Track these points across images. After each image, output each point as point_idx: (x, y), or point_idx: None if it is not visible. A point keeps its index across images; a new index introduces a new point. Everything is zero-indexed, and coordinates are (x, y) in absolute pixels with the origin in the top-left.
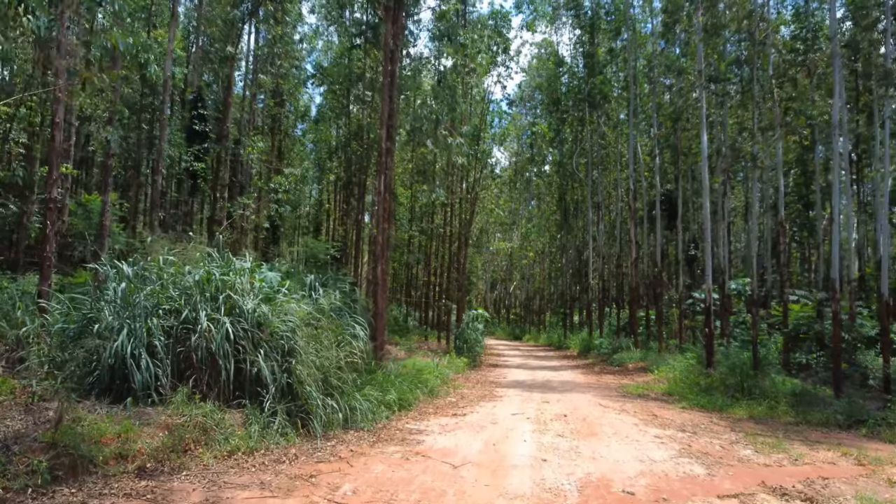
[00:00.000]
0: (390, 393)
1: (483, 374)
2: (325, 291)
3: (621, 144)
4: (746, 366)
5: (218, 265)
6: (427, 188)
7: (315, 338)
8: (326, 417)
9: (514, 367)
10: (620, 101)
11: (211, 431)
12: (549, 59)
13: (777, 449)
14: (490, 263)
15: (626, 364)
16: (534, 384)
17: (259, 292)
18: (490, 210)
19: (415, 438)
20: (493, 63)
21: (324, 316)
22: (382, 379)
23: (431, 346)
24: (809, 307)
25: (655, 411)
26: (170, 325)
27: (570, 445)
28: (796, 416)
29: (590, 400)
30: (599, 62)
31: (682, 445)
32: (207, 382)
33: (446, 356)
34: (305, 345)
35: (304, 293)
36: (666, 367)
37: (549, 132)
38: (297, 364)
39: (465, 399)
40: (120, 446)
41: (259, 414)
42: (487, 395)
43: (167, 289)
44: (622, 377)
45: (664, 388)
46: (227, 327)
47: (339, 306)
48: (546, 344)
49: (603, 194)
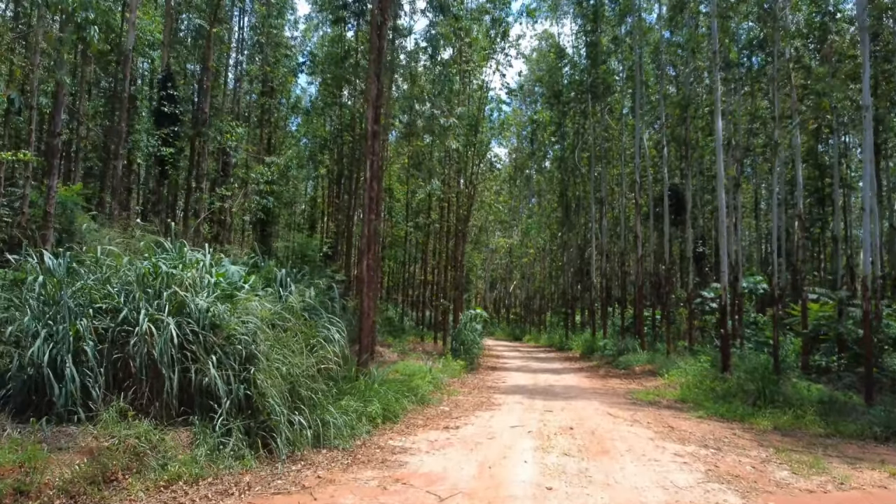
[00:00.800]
0: (373, 403)
1: (481, 378)
2: (299, 289)
3: (625, 136)
4: (767, 370)
5: (169, 257)
6: (423, 182)
7: (282, 342)
8: (293, 435)
9: (513, 371)
10: (625, 91)
11: (145, 456)
12: (549, 52)
13: (816, 469)
14: (490, 262)
15: (632, 367)
16: (535, 390)
17: (216, 289)
18: (489, 205)
19: (397, 460)
20: (492, 48)
21: (294, 316)
22: (365, 387)
23: (427, 347)
24: (829, 306)
25: (671, 422)
26: (105, 326)
27: (579, 467)
28: (826, 427)
29: (597, 408)
30: (603, 50)
31: (709, 466)
32: (148, 395)
33: (442, 359)
34: (269, 350)
35: (271, 290)
36: (676, 370)
37: (551, 125)
38: (257, 373)
39: (459, 408)
40: (21, 479)
41: (210, 433)
42: (485, 403)
43: (105, 284)
44: (629, 381)
45: (676, 394)
46: (171, 329)
47: (314, 305)
48: (547, 345)
49: (606, 190)
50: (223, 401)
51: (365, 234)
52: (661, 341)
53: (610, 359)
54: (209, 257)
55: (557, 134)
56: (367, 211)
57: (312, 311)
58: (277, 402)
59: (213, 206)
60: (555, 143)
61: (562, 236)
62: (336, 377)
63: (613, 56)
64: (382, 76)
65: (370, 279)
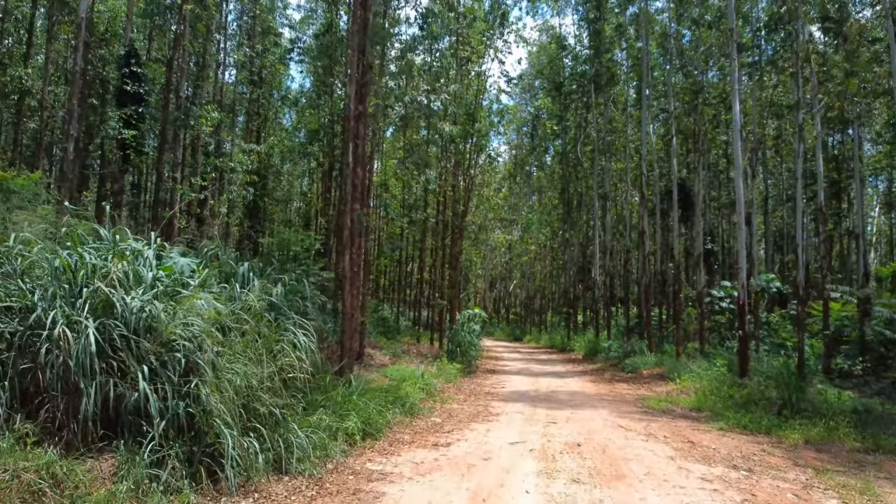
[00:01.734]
0: (350, 417)
1: (478, 383)
2: (264, 285)
3: (630, 128)
4: (792, 375)
5: (101, 246)
6: (418, 173)
7: (237, 348)
8: (246, 461)
9: (513, 374)
10: (629, 82)
11: (45, 496)
12: (550, 43)
13: (869, 497)
14: (489, 261)
15: (639, 370)
16: (537, 396)
17: (156, 284)
18: (487, 199)
19: (373, 490)
20: (490, 33)
21: (254, 317)
22: (343, 399)
23: (422, 349)
24: (851, 306)
25: (690, 435)
26: (12, 330)
27: (591, 498)
28: (863, 441)
29: (606, 419)
30: (607, 38)
31: (744, 495)
32: (62, 415)
33: (437, 362)
34: (219, 358)
35: (229, 287)
36: (689, 374)
37: (552, 117)
38: (202, 385)
39: (452, 418)
40: None
41: (139, 460)
42: (481, 413)
43: (19, 279)
44: (638, 386)
45: (691, 401)
46: (90, 333)
47: (281, 305)
48: (548, 346)
49: (609, 185)
50: (156, 421)
51: (347, 225)
52: (669, 342)
53: (615, 361)
54: (153, 248)
55: (559, 127)
56: (349, 200)
57: (280, 312)
58: (227, 422)
59: (186, 196)
60: (556, 138)
61: (563, 234)
62: (308, 388)
63: (617, 45)
64: (368, 51)
65: (353, 276)
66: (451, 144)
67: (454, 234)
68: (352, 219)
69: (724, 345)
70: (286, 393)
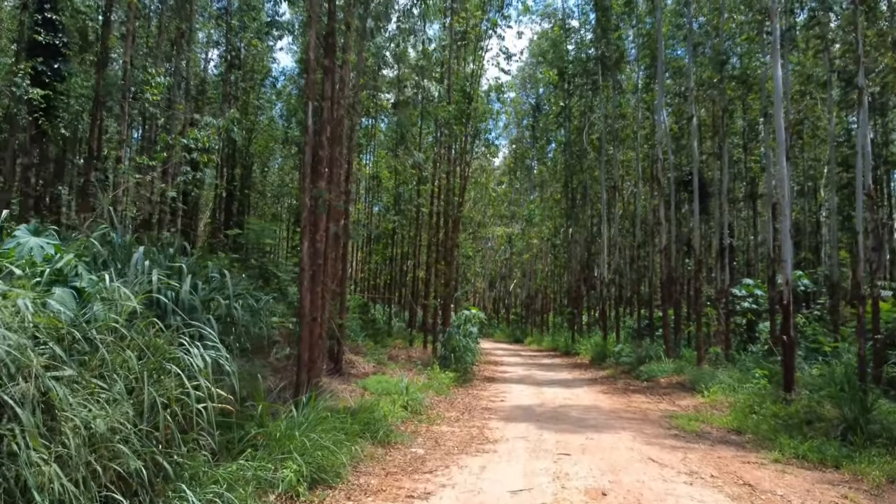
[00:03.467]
0: (291, 461)
1: (474, 395)
2: (164, 279)
3: (640, 113)
4: (857, 390)
5: None
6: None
7: (94, 374)
8: None
9: (514, 383)
10: (642, 60)
11: None
12: (554, 27)
13: None
14: (488, 259)
15: (656, 378)
16: (543, 413)
17: None
18: (485, 185)
19: None
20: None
21: (139, 325)
22: (285, 432)
23: (414, 353)
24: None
25: (742, 472)
26: None
27: None
28: None
29: (632, 448)
30: (615, 14)
31: None
32: None
33: (428, 369)
34: (63, 389)
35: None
36: (718, 385)
37: (558, 91)
38: (18, 436)
39: (439, 449)
40: None
41: None
42: (475, 439)
43: None
44: (658, 398)
45: (727, 420)
46: None
47: (195, 305)
48: (551, 348)
49: (618, 175)
50: None
51: (306, 206)
52: (685, 346)
53: (627, 367)
54: None
55: (563, 116)
56: (307, 175)
57: (193, 316)
58: (68, 494)
59: (129, 176)
60: (559, 127)
61: (567, 229)
62: (234, 422)
63: (627, 23)
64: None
65: (316, 270)
66: (445, 128)
67: (448, 225)
68: (310, 199)
69: (747, 349)
70: (189, 435)
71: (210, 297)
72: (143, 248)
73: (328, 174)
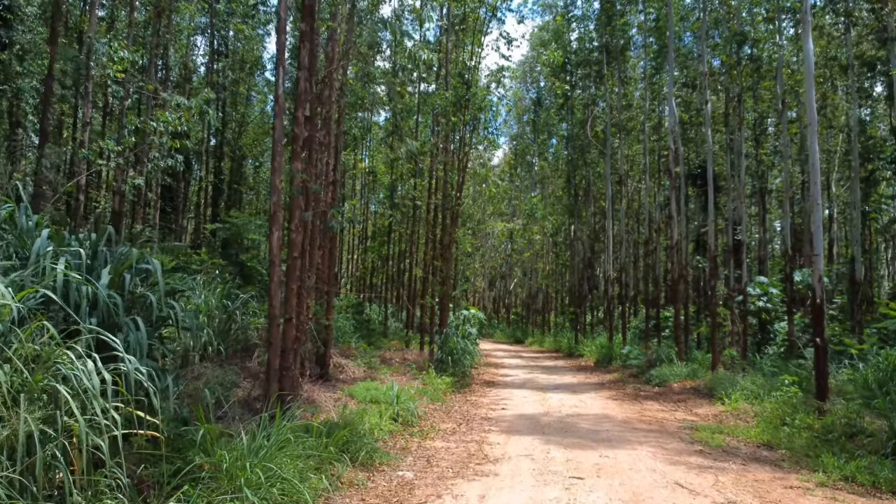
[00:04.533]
0: (239, 501)
1: (473, 402)
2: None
3: (648, 103)
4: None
5: None
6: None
7: None
8: None
9: (516, 388)
10: (649, 46)
11: None
12: (557, 17)
13: None
14: (488, 258)
15: (669, 383)
16: (549, 424)
17: None
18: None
19: None
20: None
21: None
22: (235, 461)
23: (410, 356)
24: None
25: (785, 499)
26: None
27: None
28: None
29: (654, 469)
30: None
31: None
32: None
33: (423, 374)
34: None
35: None
36: (740, 393)
37: (563, 73)
38: None
39: (430, 471)
40: None
41: None
42: (473, 458)
43: None
44: (674, 407)
45: (755, 432)
46: None
47: (116, 303)
48: (553, 349)
49: (623, 169)
50: None
51: (276, 188)
52: (697, 349)
53: (635, 371)
54: None
55: (565, 108)
56: (277, 156)
57: (113, 318)
58: None
59: (87, 157)
60: (561, 120)
61: (569, 226)
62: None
63: (633, 8)
64: None
65: (292, 264)
66: (443, 117)
67: (445, 220)
68: (276, 181)
69: (762, 351)
70: (99, 473)
71: (141, 295)
72: (49, 230)
73: (307, 156)
